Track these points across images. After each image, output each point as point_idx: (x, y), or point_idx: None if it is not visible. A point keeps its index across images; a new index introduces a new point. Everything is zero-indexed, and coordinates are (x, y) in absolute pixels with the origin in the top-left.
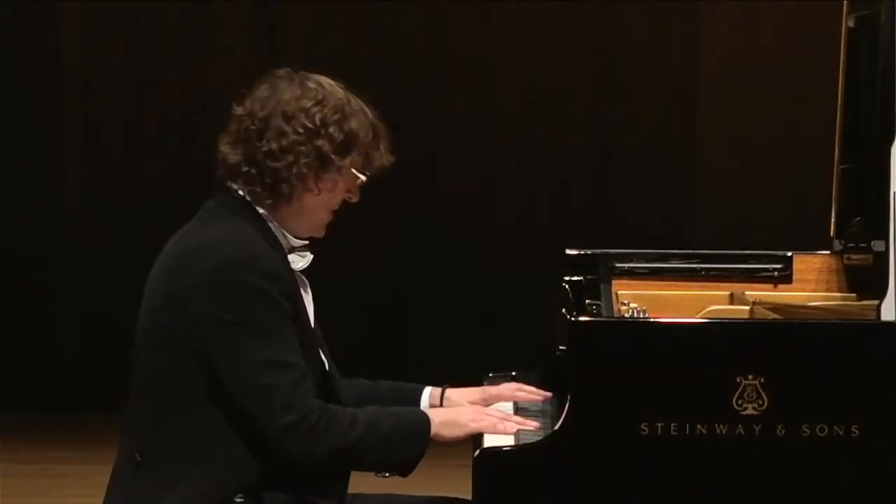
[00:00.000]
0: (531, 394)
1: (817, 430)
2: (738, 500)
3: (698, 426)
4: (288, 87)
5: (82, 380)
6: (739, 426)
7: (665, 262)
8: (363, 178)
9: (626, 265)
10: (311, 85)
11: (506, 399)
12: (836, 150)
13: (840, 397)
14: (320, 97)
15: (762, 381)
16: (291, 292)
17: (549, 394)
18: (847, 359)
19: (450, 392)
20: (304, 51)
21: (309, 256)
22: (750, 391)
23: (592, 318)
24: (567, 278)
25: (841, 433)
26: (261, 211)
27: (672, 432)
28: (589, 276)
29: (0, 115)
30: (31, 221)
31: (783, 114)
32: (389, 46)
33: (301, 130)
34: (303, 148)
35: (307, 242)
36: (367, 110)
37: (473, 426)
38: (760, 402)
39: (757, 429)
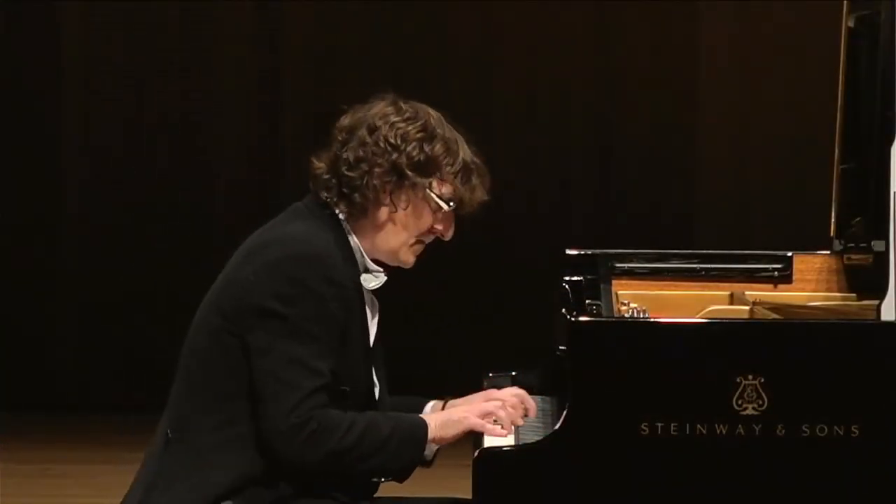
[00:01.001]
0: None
1: (817, 430)
2: (738, 500)
3: (698, 426)
4: (382, 103)
5: (82, 380)
6: (739, 426)
7: (665, 262)
8: (446, 207)
9: (626, 265)
10: (405, 106)
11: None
12: (836, 150)
13: (840, 397)
14: (409, 116)
15: (762, 381)
16: (350, 304)
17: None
18: (847, 359)
19: (451, 403)
20: (304, 51)
21: (383, 277)
22: (750, 391)
23: (592, 318)
24: (567, 278)
25: (841, 433)
26: (344, 226)
27: (672, 432)
28: (589, 276)
29: (0, 115)
30: (31, 221)
31: (783, 114)
32: (389, 46)
33: (381, 143)
34: (378, 160)
35: (382, 270)
36: (464, 144)
37: (466, 423)
38: (760, 402)
39: (757, 429)
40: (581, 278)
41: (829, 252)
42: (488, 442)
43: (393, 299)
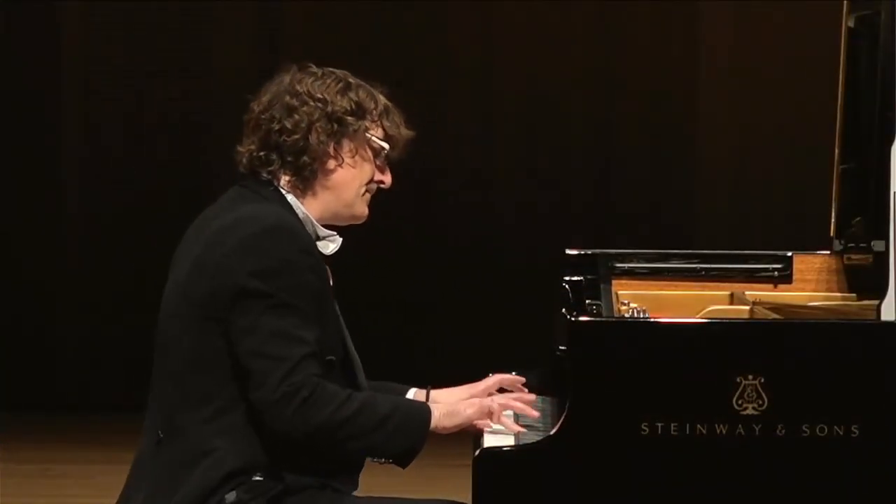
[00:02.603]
0: (521, 405)
1: (817, 430)
2: (738, 500)
3: (698, 426)
4: (288, 74)
5: (82, 380)
6: (739, 426)
7: (665, 262)
8: (386, 146)
9: (626, 265)
10: (312, 69)
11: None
12: (836, 150)
13: (840, 397)
14: (321, 74)
15: (762, 381)
16: (321, 272)
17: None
18: (847, 359)
19: (434, 394)
20: (304, 51)
21: (338, 239)
22: (750, 391)
23: (592, 318)
24: (567, 278)
25: (841, 433)
26: (289, 198)
27: (672, 432)
28: (589, 276)
29: (0, 115)
30: (32, 221)
31: (783, 114)
32: (389, 46)
33: (310, 101)
34: (315, 115)
35: (334, 233)
36: (374, 90)
37: (470, 412)
38: (760, 402)
39: (757, 429)
40: (581, 278)
41: (829, 252)
42: (488, 442)
43: (392, 299)
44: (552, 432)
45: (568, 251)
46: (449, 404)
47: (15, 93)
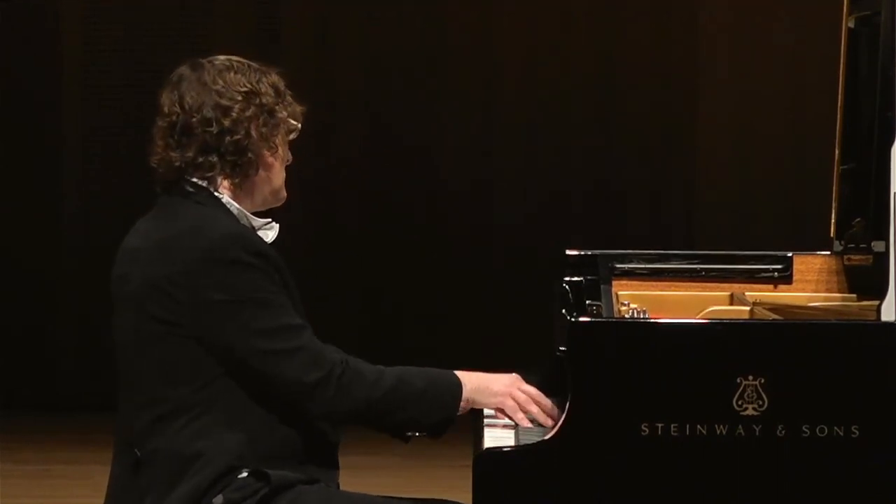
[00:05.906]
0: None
1: (817, 431)
2: (738, 501)
3: (698, 426)
4: (200, 73)
5: (82, 380)
6: (739, 426)
7: (665, 262)
8: (298, 125)
9: (626, 265)
10: (219, 63)
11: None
12: (836, 150)
13: (840, 397)
14: (235, 67)
15: (762, 381)
16: (279, 266)
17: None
18: (847, 359)
19: None
20: (304, 51)
21: (275, 226)
22: (750, 392)
23: (592, 319)
24: (567, 278)
25: (841, 433)
26: (221, 199)
27: (672, 432)
28: (589, 277)
29: (0, 114)
30: (32, 221)
31: (783, 114)
32: (389, 46)
33: (240, 98)
34: (249, 111)
35: (269, 220)
36: (266, 69)
37: (500, 402)
38: (760, 403)
39: (757, 429)
40: (581, 279)
41: (829, 253)
42: (488, 442)
43: (393, 299)
44: (552, 432)
45: (568, 252)
46: (481, 378)
47: (15, 92)
